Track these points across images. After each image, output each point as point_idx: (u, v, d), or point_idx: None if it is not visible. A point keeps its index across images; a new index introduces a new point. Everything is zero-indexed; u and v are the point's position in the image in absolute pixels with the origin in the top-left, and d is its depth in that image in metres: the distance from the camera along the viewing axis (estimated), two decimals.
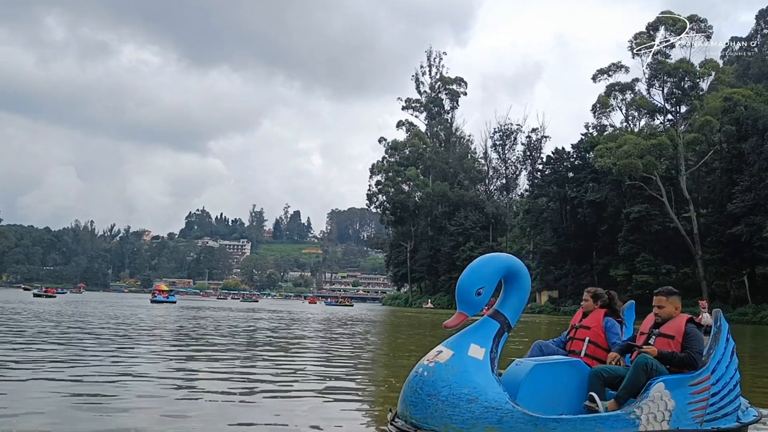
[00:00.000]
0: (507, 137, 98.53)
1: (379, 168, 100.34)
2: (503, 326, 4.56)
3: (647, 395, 4.47)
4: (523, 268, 4.78)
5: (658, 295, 4.97)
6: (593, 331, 5.37)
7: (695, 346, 4.68)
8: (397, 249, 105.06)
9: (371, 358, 11.60)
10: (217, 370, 8.49)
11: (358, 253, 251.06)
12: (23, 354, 9.44)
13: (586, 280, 73.18)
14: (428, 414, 4.19)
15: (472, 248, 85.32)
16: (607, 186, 68.21)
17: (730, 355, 4.88)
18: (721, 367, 4.76)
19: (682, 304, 5.08)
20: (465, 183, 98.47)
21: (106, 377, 7.28)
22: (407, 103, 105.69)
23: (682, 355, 4.64)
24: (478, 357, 4.34)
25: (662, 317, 4.92)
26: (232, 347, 12.55)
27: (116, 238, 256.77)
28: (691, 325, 4.82)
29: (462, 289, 4.50)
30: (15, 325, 16.08)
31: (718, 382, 4.73)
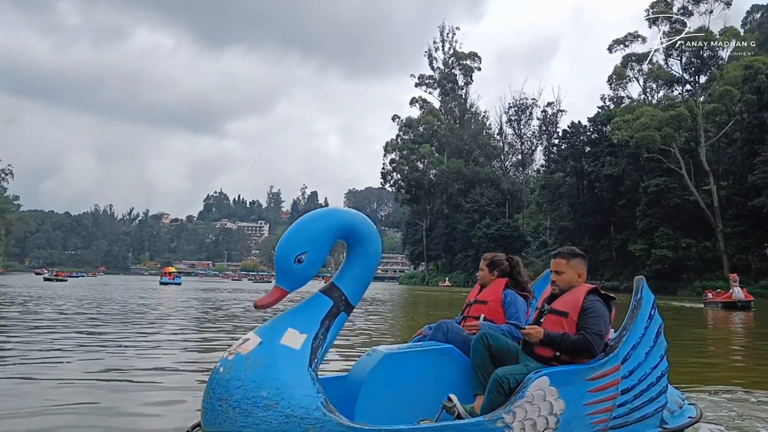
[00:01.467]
0: (522, 112, 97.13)
1: (393, 146, 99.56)
2: (338, 304, 3.45)
3: (523, 394, 3.33)
4: (370, 227, 3.61)
5: (557, 257, 3.74)
6: (490, 307, 4.27)
7: (593, 325, 3.43)
8: (413, 228, 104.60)
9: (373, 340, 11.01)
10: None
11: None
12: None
13: (604, 255, 72.31)
14: (218, 424, 3.11)
15: (488, 225, 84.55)
16: (625, 159, 66.99)
17: (653, 337, 3.65)
18: (638, 354, 3.55)
19: (703, 278, 4.19)
20: (480, 160, 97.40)
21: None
22: (420, 80, 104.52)
23: (574, 339, 3.42)
24: (294, 347, 3.25)
25: (560, 287, 3.67)
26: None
27: (135, 221, 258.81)
28: (593, 297, 3.57)
29: (277, 256, 3.34)
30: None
31: (632, 375, 3.53)
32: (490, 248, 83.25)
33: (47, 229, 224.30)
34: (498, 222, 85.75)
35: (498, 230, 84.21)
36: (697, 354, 10.16)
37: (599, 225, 72.80)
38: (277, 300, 3.33)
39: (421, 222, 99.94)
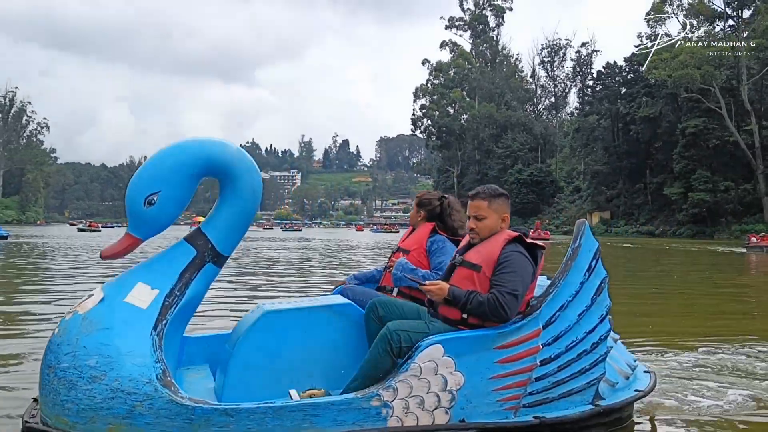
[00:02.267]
0: (555, 53, 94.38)
1: (423, 91, 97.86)
2: (203, 254, 2.90)
3: (408, 366, 2.75)
4: (243, 161, 2.96)
5: (475, 198, 3.07)
6: (412, 257, 3.58)
7: (507, 282, 2.79)
8: (444, 174, 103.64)
9: None
10: None
11: (408, 180, 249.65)
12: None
13: (639, 199, 70.94)
14: (44, 396, 2.63)
15: (519, 171, 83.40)
16: (662, 100, 64.87)
17: (592, 294, 2.96)
18: (568, 316, 2.91)
19: (742, 222, 3.46)
20: (512, 104, 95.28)
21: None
22: (450, 22, 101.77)
23: (482, 298, 2.79)
24: (140, 305, 2.71)
25: (479, 234, 3.02)
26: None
27: None
28: (512, 247, 2.90)
29: (127, 198, 2.83)
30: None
31: (558, 341, 2.88)
32: (522, 194, 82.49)
33: (85, 181, 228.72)
34: (530, 167, 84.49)
35: (530, 175, 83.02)
36: (735, 302, 9.56)
37: (634, 168, 71.17)
38: (127, 249, 2.82)
39: (452, 168, 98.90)
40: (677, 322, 6.78)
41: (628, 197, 72.06)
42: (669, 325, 6.48)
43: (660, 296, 9.87)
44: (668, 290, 10.91)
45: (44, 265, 14.30)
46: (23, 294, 8.65)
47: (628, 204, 71.77)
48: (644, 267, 17.94)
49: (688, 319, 7.29)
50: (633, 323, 6.72)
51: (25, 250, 21.29)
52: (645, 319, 7.08)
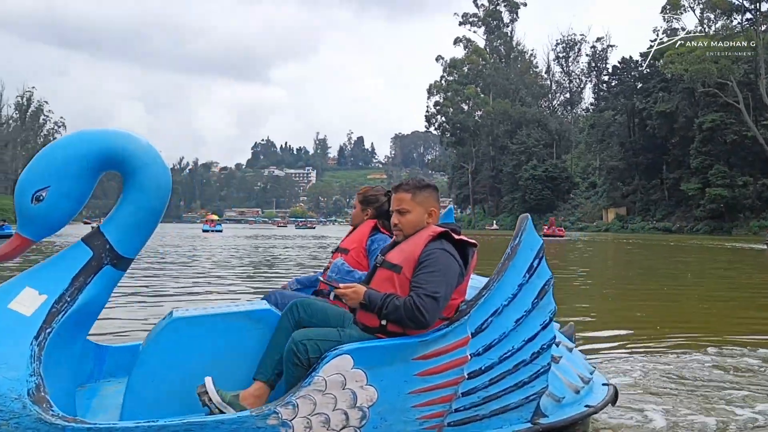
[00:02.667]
0: (570, 49, 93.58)
1: (437, 88, 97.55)
2: (100, 256, 2.60)
3: (311, 380, 2.40)
4: (146, 152, 2.63)
5: (398, 190, 2.71)
6: (351, 257, 3.29)
7: (427, 283, 2.43)
8: (459, 171, 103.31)
9: None
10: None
11: (423, 177, 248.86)
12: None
13: (655, 195, 70.35)
14: None
15: (534, 167, 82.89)
16: (679, 95, 64.23)
17: (533, 298, 2.57)
18: (502, 323, 2.52)
19: (761, 218, 2.91)
20: (527, 99, 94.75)
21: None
22: (464, 19, 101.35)
23: (398, 302, 2.43)
24: (24, 312, 2.42)
25: (403, 230, 2.67)
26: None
27: (186, 170, 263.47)
28: (436, 244, 2.54)
29: (15, 195, 2.55)
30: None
31: (489, 351, 2.50)
32: (537, 190, 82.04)
33: (102, 180, 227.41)
34: (545, 163, 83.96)
35: (545, 171, 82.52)
36: (751, 304, 9.26)
37: (651, 164, 70.55)
38: (15, 250, 2.54)
39: (466, 165, 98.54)
40: (676, 326, 6.59)
41: (644, 193, 71.45)
42: (665, 329, 6.28)
43: (666, 296, 9.64)
44: (677, 291, 10.71)
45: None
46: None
47: (645, 200, 71.17)
48: (658, 265, 17.69)
49: (690, 323, 7.10)
50: (626, 325, 6.58)
51: (31, 250, 21.41)
52: (640, 322, 6.90)
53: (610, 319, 6.97)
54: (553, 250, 27.61)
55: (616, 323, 6.64)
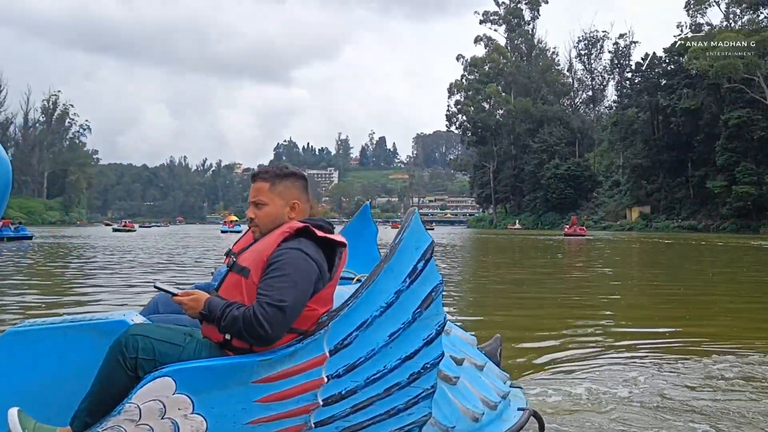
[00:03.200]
0: (593, 46, 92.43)
1: (458, 87, 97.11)
2: None
3: (121, 408, 1.98)
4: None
5: (256, 179, 2.29)
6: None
7: (271, 290, 2.01)
8: (480, 170, 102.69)
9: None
10: None
11: (445, 177, 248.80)
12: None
13: (680, 193, 69.22)
14: None
15: (556, 165, 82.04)
16: (704, 91, 63.04)
17: (414, 308, 2.07)
18: (371, 338, 2.06)
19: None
20: (549, 98, 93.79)
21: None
22: (485, 17, 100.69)
23: (236, 313, 2.01)
24: None
25: (259, 226, 2.25)
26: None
27: (209, 172, 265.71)
28: (291, 243, 2.11)
29: None
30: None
31: (352, 372, 2.04)
32: (560, 189, 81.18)
33: (127, 182, 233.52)
34: (567, 162, 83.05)
35: (567, 170, 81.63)
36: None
37: (675, 162, 69.37)
38: None
39: (488, 164, 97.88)
40: (686, 329, 6.23)
41: (669, 191, 70.30)
42: (674, 334, 5.94)
43: (677, 300, 9.24)
44: (693, 292, 10.30)
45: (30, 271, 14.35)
46: None
47: (669, 198, 70.00)
48: (680, 264, 17.22)
49: (692, 328, 6.74)
50: (636, 325, 6.25)
51: (40, 251, 21.54)
52: (632, 329, 6.57)
53: (616, 322, 6.65)
54: (575, 248, 27.20)
55: (621, 325, 6.33)
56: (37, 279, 11.21)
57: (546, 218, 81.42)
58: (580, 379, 4.07)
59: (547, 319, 6.85)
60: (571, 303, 8.33)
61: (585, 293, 9.73)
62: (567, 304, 8.23)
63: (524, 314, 7.33)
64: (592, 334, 5.76)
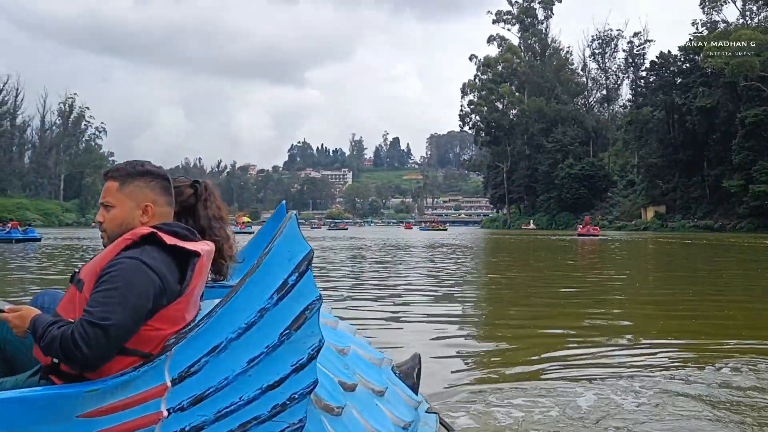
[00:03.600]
0: (606, 45, 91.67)
1: (471, 87, 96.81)
2: None
3: None
4: None
5: (106, 178, 1.96)
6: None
7: (97, 306, 1.67)
8: (494, 170, 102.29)
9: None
10: None
11: (459, 177, 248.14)
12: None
13: (696, 193, 68.60)
14: None
15: (570, 165, 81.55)
16: (719, 89, 62.44)
17: (281, 330, 1.70)
18: (226, 365, 1.67)
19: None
20: (563, 97, 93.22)
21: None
22: (498, 16, 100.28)
23: (56, 332, 1.68)
24: None
25: (107, 231, 1.92)
26: None
27: (224, 173, 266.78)
28: (131, 252, 1.77)
29: None
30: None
31: (202, 404, 1.66)
32: (574, 188, 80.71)
33: None
34: (582, 161, 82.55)
35: (582, 170, 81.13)
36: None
37: (691, 161, 68.74)
38: None
39: (501, 164, 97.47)
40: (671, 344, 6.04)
41: (684, 190, 69.67)
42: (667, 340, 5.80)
43: (685, 304, 9.06)
44: (703, 296, 10.12)
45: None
46: None
47: (685, 197, 69.38)
48: (693, 265, 17.01)
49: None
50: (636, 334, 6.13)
51: (45, 253, 21.69)
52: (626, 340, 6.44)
53: (617, 330, 6.54)
54: (588, 247, 27.00)
55: (618, 334, 6.22)
56: (29, 280, 11.27)
57: (560, 218, 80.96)
58: (580, 390, 3.90)
59: (549, 321, 6.76)
60: (577, 307, 8.21)
61: (590, 296, 9.62)
62: (570, 310, 8.10)
63: (524, 317, 7.23)
64: (601, 344, 5.57)
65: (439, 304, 8.19)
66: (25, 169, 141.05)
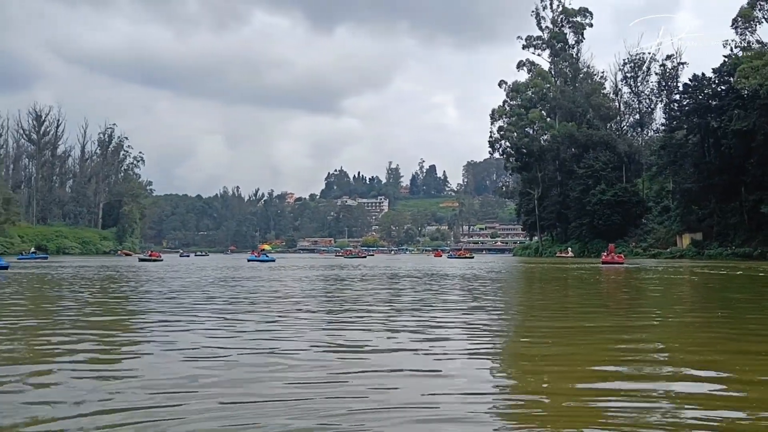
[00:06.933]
0: (639, 68, 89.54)
1: (500, 112, 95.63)
2: None
3: None
4: None
5: None
6: None
7: None
8: (526, 197, 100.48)
9: None
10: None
11: (496, 204, 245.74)
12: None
13: (734, 219, 65.89)
14: None
15: (603, 191, 79.37)
16: (756, 111, 59.97)
17: None
18: None
19: None
20: (594, 122, 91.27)
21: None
22: (528, 41, 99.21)
23: None
24: None
25: None
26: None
27: (261, 201, 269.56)
28: None
29: None
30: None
31: None
32: (606, 215, 78.49)
33: (181, 212, 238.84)
34: (614, 187, 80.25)
35: (614, 196, 78.86)
36: None
37: (728, 186, 66.02)
38: None
39: (532, 191, 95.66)
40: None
41: (721, 217, 66.96)
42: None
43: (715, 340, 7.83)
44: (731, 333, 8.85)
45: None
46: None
47: (722, 224, 66.63)
48: (729, 296, 15.57)
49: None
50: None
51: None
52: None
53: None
54: (606, 277, 25.46)
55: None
56: None
57: (593, 245, 78.62)
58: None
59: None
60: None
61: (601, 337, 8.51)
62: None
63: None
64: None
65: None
66: (66, 198, 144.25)
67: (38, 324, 8.96)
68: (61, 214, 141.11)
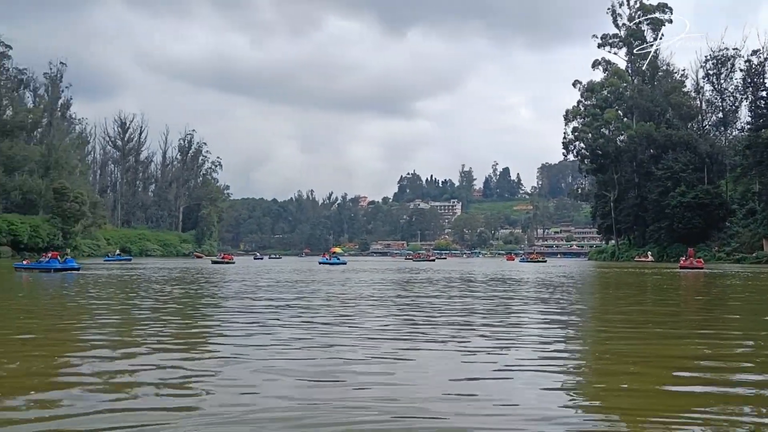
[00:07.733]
0: (722, 65, 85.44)
1: (575, 113, 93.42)
2: None
3: None
4: None
5: None
6: None
7: None
8: (602, 200, 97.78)
9: None
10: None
11: (571, 207, 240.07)
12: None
13: None
14: None
15: (682, 193, 76.30)
16: None
17: None
18: None
19: None
20: (674, 122, 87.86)
21: None
22: (603, 40, 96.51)
23: None
24: None
25: None
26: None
27: (335, 205, 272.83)
28: None
29: None
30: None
31: None
32: (687, 218, 75.43)
33: (258, 216, 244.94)
34: (695, 189, 76.98)
35: (695, 198, 75.66)
36: None
37: None
38: None
39: (608, 193, 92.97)
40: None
41: None
42: None
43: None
44: None
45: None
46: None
47: None
48: None
49: None
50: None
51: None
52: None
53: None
54: (684, 283, 24.52)
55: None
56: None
57: (672, 249, 75.68)
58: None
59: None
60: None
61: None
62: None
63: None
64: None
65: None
66: (148, 202, 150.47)
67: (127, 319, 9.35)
68: (144, 217, 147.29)
